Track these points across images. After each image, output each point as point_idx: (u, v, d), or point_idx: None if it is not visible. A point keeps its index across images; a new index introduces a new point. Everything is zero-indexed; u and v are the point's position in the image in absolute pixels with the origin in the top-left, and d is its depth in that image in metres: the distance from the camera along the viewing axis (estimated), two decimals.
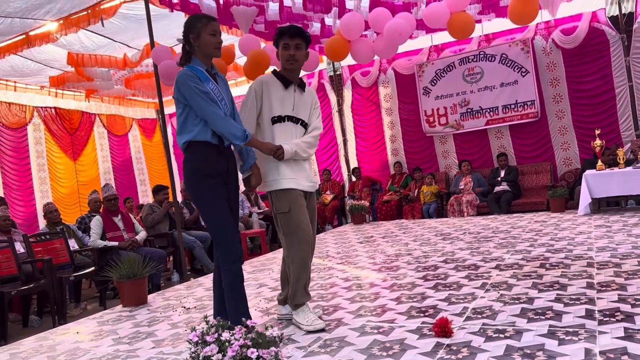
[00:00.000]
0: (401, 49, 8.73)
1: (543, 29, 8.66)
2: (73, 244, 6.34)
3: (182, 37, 2.97)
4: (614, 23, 8.07)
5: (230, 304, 2.90)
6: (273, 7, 6.64)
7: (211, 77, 2.94)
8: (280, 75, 3.27)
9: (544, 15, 8.11)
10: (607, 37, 8.13)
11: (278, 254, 6.39)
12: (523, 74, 8.73)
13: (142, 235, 6.21)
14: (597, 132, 7.15)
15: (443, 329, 2.75)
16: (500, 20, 7.54)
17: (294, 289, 3.18)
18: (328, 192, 10.10)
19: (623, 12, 7.96)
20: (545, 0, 6.49)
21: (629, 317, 2.70)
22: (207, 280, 5.55)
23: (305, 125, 3.30)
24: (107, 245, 5.81)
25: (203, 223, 3.06)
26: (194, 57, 2.94)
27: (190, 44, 2.93)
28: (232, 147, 3.09)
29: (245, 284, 4.43)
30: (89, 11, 6.51)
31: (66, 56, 7.73)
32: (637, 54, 7.90)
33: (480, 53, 9.05)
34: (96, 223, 5.94)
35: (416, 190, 9.35)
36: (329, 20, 7.20)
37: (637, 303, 2.93)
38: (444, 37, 8.52)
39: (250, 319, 2.74)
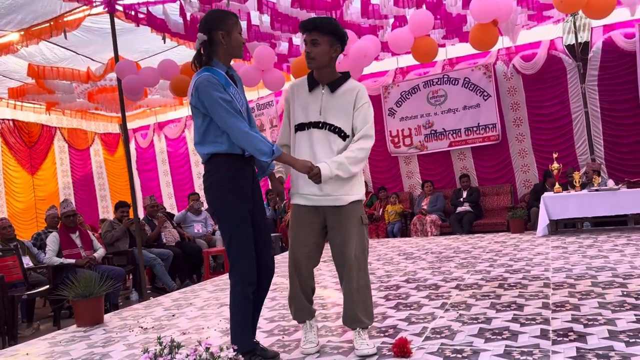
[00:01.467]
0: (367, 70, 8.86)
1: (504, 54, 8.94)
2: (27, 262, 6.11)
3: (202, 32, 2.63)
4: (570, 51, 8.39)
5: (234, 326, 2.68)
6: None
7: (229, 78, 2.69)
8: (310, 77, 2.89)
9: (505, 42, 8.39)
10: (565, 65, 8.45)
11: None
12: (485, 98, 8.96)
13: (100, 252, 6.04)
14: (555, 155, 7.38)
15: (402, 349, 2.76)
16: (464, 45, 7.76)
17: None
18: None
19: (579, 41, 8.29)
20: (506, 27, 6.72)
21: (581, 337, 2.76)
22: (167, 299, 5.43)
23: (339, 131, 2.81)
24: (63, 263, 5.62)
25: (223, 242, 2.71)
26: (208, 59, 2.64)
27: (214, 42, 2.62)
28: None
29: (205, 303, 4.35)
30: (52, 23, 6.39)
31: (26, 68, 7.55)
32: (592, 81, 8.23)
33: (444, 76, 9.27)
34: (52, 239, 5.75)
35: (381, 210, 9.43)
36: (296, 40, 7.26)
37: (589, 323, 3.00)
38: (409, 60, 8.69)
39: (248, 347, 2.67)
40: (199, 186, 11.52)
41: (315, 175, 2.66)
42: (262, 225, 2.80)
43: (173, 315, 4.52)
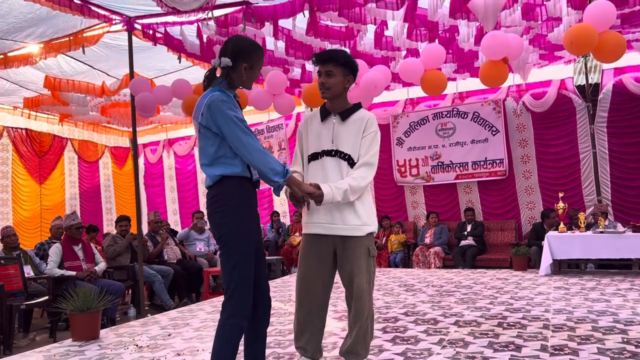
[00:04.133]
0: (378, 99, 8.94)
1: (515, 91, 9.00)
2: (29, 271, 6.14)
3: (226, 56, 2.59)
4: (580, 92, 8.44)
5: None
6: None
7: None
8: (323, 108, 2.98)
9: (515, 79, 8.46)
10: (574, 105, 8.48)
11: None
12: (493, 133, 9.00)
13: (101, 266, 6.06)
14: (561, 195, 7.37)
15: None
16: (474, 79, 7.83)
17: None
18: (297, 234, 10.06)
19: (590, 82, 8.35)
20: (517, 65, 6.79)
21: None
22: (164, 318, 5.42)
23: (348, 158, 2.85)
24: (63, 275, 5.64)
25: (223, 269, 2.58)
26: (220, 80, 2.61)
27: (236, 70, 2.60)
28: None
29: (202, 324, 4.34)
30: (71, 38, 6.52)
31: (43, 79, 7.69)
32: (601, 122, 8.25)
33: (454, 109, 9.33)
34: (55, 251, 5.78)
35: (384, 238, 9.40)
36: (309, 66, 7.37)
37: None
38: (419, 91, 8.76)
39: None
40: (204, 204, 11.50)
41: (318, 196, 2.67)
42: (262, 255, 2.76)
43: (169, 335, 4.51)
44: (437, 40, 6.31)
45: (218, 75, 2.66)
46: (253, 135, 2.52)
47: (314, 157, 2.90)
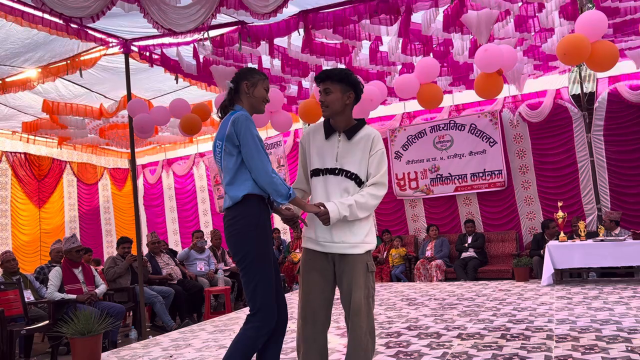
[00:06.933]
0: (375, 114, 9.02)
1: (511, 102, 9.05)
2: (29, 295, 6.10)
3: (231, 82, 2.85)
4: (576, 101, 8.48)
5: None
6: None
7: None
8: (327, 124, 2.94)
9: (511, 90, 8.52)
10: (570, 114, 8.52)
11: (242, 314, 6.25)
12: (491, 144, 9.03)
13: (101, 288, 6.02)
14: (560, 204, 7.37)
15: None
16: (470, 92, 7.88)
17: None
18: (298, 250, 10.03)
19: (585, 91, 8.38)
20: (512, 76, 6.85)
21: None
22: (166, 339, 5.38)
23: (355, 178, 2.82)
24: (64, 298, 5.60)
25: (245, 287, 2.70)
26: (236, 104, 2.83)
27: (239, 90, 2.82)
28: None
29: (204, 345, 4.32)
30: (69, 61, 6.57)
31: (41, 103, 7.73)
32: (597, 131, 8.28)
33: (451, 122, 9.37)
34: (55, 274, 5.74)
35: (385, 253, 9.37)
36: (306, 83, 7.42)
37: None
38: (416, 105, 8.80)
39: None
40: (204, 223, 11.55)
41: (324, 215, 2.67)
42: (277, 272, 2.84)
43: (171, 356, 4.48)
44: (431, 54, 6.37)
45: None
46: (266, 156, 2.69)
47: (315, 173, 2.88)
